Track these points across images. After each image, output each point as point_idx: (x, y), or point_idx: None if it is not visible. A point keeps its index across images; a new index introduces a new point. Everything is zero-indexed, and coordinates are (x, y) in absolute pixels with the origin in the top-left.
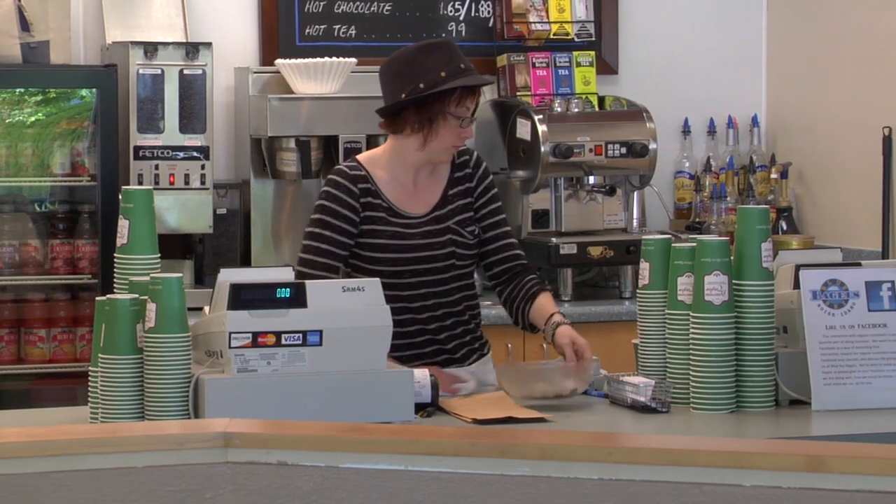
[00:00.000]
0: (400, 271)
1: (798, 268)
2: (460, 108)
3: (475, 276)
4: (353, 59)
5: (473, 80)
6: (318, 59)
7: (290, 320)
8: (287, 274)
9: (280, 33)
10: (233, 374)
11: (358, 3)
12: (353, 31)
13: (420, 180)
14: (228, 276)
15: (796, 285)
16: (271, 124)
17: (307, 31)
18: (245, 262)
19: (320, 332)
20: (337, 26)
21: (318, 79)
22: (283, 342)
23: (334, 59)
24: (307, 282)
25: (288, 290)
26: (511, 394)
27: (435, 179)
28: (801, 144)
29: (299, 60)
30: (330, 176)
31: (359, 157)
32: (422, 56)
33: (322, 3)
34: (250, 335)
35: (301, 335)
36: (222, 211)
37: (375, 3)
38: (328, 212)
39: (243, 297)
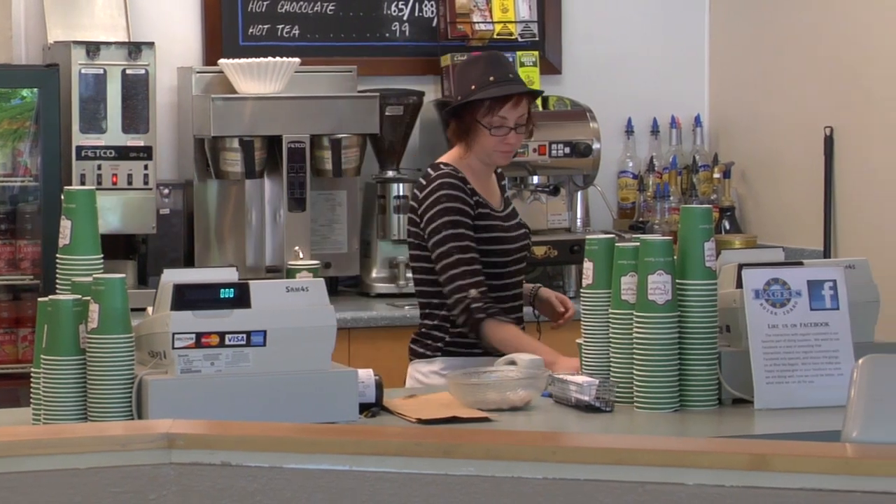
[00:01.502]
0: (506, 261)
1: (741, 267)
2: (492, 118)
3: None
4: (297, 59)
5: (499, 90)
6: (262, 59)
7: (233, 321)
8: (231, 274)
9: (223, 33)
10: (176, 375)
11: (301, 2)
12: (297, 31)
13: (489, 182)
14: (172, 276)
15: (739, 284)
16: (215, 124)
17: (250, 30)
18: (188, 262)
19: (264, 332)
20: (280, 26)
21: (262, 79)
22: (227, 342)
23: (278, 58)
24: (251, 282)
25: (231, 290)
26: (463, 404)
27: (494, 183)
28: (743, 144)
29: (242, 60)
30: (439, 181)
31: (444, 161)
32: (464, 69)
33: (265, 3)
34: (194, 336)
35: (245, 335)
36: (165, 211)
37: (319, 3)
38: (455, 212)
39: (187, 298)
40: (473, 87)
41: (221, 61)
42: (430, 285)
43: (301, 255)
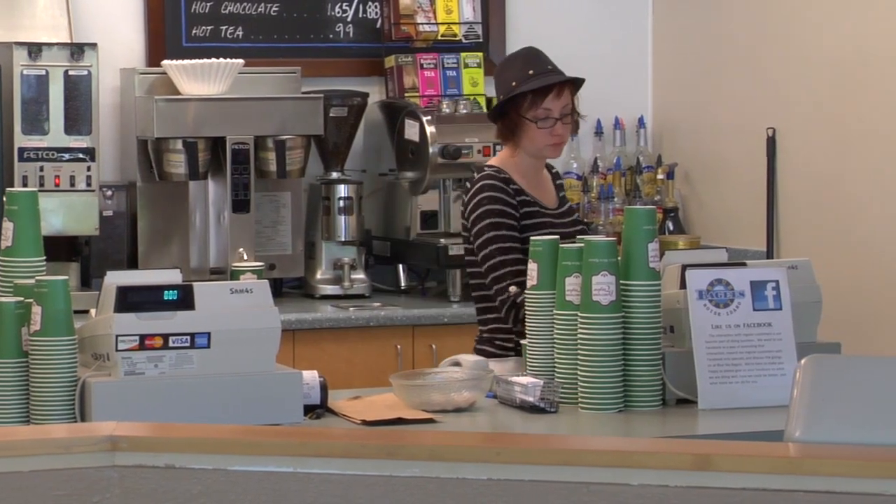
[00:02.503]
0: None
1: (684, 268)
2: (537, 111)
3: None
4: (241, 60)
5: (540, 82)
6: (205, 60)
7: (177, 322)
8: (174, 276)
9: (166, 34)
10: (120, 377)
11: (245, 4)
12: (241, 32)
13: (540, 180)
14: (115, 278)
15: (683, 285)
16: (158, 125)
17: (194, 31)
18: (132, 264)
19: (208, 334)
20: (224, 27)
21: (205, 80)
22: (171, 344)
23: (221, 59)
24: (195, 283)
25: (175, 292)
26: (408, 405)
27: (549, 181)
28: (686, 145)
29: (186, 61)
30: (481, 183)
31: (492, 162)
32: (502, 68)
33: (209, 4)
34: (137, 338)
35: (189, 337)
36: (109, 213)
37: (262, 4)
38: (497, 213)
39: (130, 300)
40: (514, 83)
41: (165, 62)
42: (483, 289)
43: (245, 257)
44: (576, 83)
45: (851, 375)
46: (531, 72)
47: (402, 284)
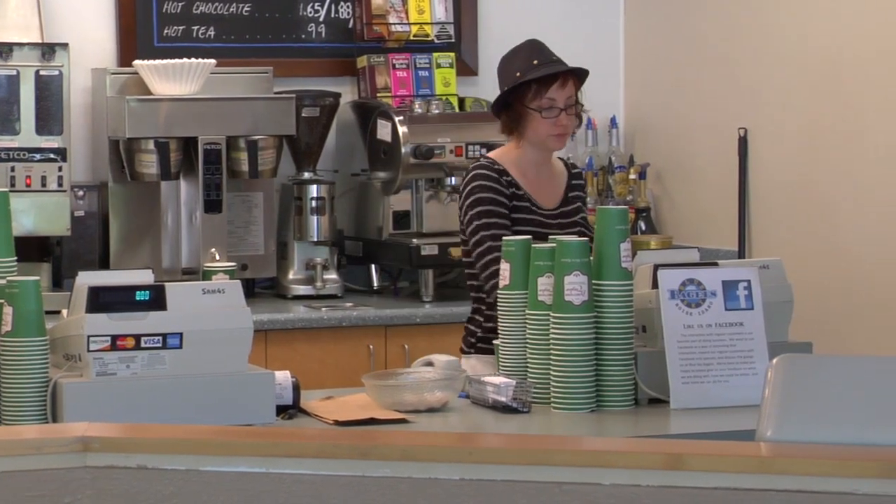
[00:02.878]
0: None
1: (656, 268)
2: (541, 101)
3: None
4: (212, 60)
5: (543, 70)
6: (177, 60)
7: (149, 323)
8: (146, 276)
9: (138, 34)
10: (91, 378)
11: (217, 3)
12: (212, 32)
13: (542, 178)
14: (86, 278)
15: (655, 285)
16: (129, 126)
17: (165, 31)
18: (103, 264)
19: (180, 334)
20: (196, 27)
21: (177, 80)
22: (143, 345)
23: (193, 59)
24: (167, 284)
25: (147, 292)
26: (380, 405)
27: (557, 179)
28: (658, 145)
29: (157, 61)
30: (473, 173)
31: (489, 154)
32: (505, 60)
33: (180, 4)
34: (109, 338)
35: (161, 338)
36: (80, 213)
37: (234, 4)
38: (487, 202)
39: (102, 300)
40: (518, 74)
41: (136, 62)
42: (473, 279)
43: (217, 257)
44: (580, 75)
45: (823, 375)
46: (535, 62)
47: (375, 284)
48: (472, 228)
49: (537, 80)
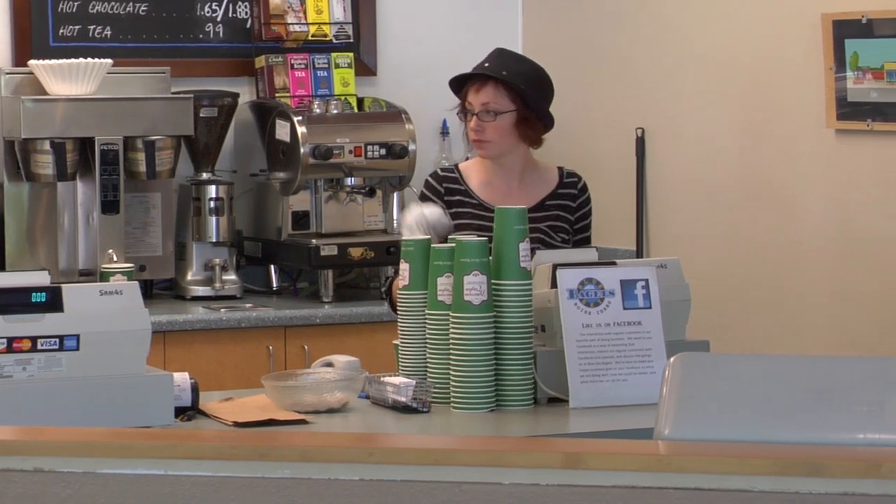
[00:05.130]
0: None
1: (555, 267)
2: (465, 103)
3: None
4: (109, 60)
5: (467, 73)
6: (73, 60)
7: (45, 325)
8: (42, 278)
9: (33, 34)
10: None
11: (113, 3)
12: (109, 32)
13: (523, 185)
14: None
15: (554, 284)
16: (25, 126)
17: (61, 31)
18: None
19: (77, 336)
20: (92, 27)
21: (73, 80)
22: (40, 347)
23: (89, 59)
24: (64, 285)
25: (43, 294)
26: (279, 406)
27: (538, 187)
28: (557, 145)
29: (53, 61)
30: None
31: (461, 164)
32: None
33: (76, 4)
34: (5, 340)
35: (58, 340)
36: None
37: (131, 4)
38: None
39: None
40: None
41: (31, 62)
42: None
43: (115, 258)
44: (514, 86)
45: (719, 373)
46: (487, 64)
47: (274, 285)
48: None
49: (452, 83)
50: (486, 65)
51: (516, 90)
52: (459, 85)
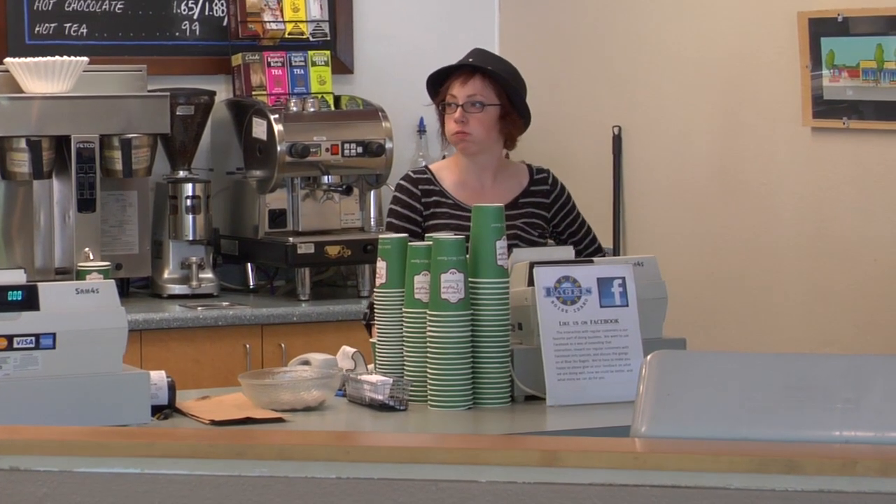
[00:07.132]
0: None
1: (532, 265)
2: (446, 97)
3: None
4: (85, 58)
5: (452, 65)
6: (49, 58)
7: (21, 323)
8: (18, 276)
9: (8, 31)
10: None
11: (89, 1)
12: (85, 30)
13: (496, 184)
14: None
15: (531, 282)
16: (0, 124)
17: (37, 29)
18: None
19: (53, 334)
20: (68, 24)
21: (49, 78)
22: (15, 346)
23: (65, 57)
24: (40, 284)
25: (19, 292)
26: (256, 405)
27: (511, 186)
28: (534, 143)
29: (29, 59)
30: (396, 183)
31: (434, 164)
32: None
33: (52, 2)
34: None
35: (34, 338)
36: None
37: (107, 2)
38: (392, 214)
39: None
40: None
41: (7, 60)
42: None
43: (91, 257)
44: (498, 79)
45: (696, 371)
46: (471, 60)
47: (251, 283)
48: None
49: (434, 77)
50: (471, 60)
51: (502, 84)
52: (441, 80)
